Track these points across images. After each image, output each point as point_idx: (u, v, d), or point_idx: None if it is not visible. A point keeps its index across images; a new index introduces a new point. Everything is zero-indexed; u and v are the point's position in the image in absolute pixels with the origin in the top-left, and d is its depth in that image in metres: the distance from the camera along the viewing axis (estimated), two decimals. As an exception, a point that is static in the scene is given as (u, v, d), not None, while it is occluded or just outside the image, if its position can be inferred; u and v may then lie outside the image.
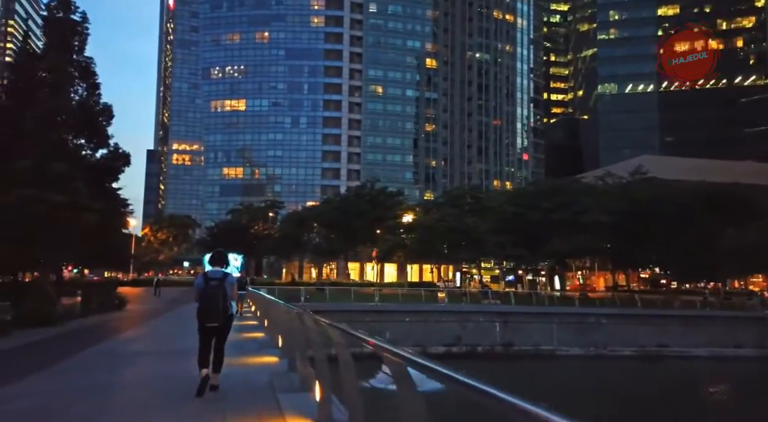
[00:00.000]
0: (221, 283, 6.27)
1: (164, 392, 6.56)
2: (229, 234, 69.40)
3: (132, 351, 10.82)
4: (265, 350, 10.46)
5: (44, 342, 13.11)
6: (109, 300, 27.27)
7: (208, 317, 6.18)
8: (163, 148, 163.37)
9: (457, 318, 34.72)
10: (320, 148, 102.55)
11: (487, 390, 1.54)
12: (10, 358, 10.26)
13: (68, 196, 22.59)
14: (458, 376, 1.76)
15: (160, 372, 8.23)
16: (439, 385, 2.01)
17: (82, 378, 7.75)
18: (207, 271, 6.56)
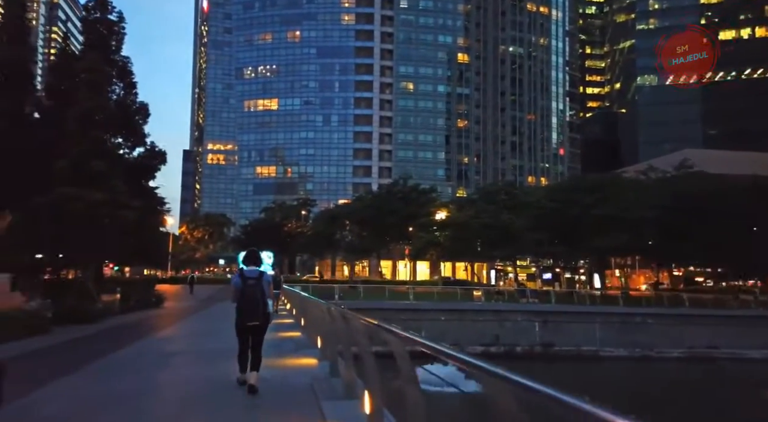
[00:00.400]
0: (259, 282, 6.28)
1: (198, 399, 6.14)
2: (263, 232, 70.07)
3: (167, 352, 10.54)
4: (303, 351, 10.01)
5: (81, 340, 13.04)
6: (147, 297, 27.56)
7: (249, 316, 6.17)
8: (199, 148, 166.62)
9: (494, 317, 33.79)
10: (351, 146, 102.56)
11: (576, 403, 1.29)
12: (46, 357, 10.11)
13: (107, 194, 22.81)
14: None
15: (195, 375, 7.85)
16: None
17: (114, 381, 7.42)
18: (243, 270, 6.48)
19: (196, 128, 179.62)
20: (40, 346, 11.59)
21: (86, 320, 17.64)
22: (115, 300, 22.50)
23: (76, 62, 24.95)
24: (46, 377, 7.19)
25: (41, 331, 14.35)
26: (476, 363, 2.04)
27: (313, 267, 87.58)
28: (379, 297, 36.67)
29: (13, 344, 11.66)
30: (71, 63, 25.43)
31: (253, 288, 6.20)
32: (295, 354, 9.57)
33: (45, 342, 12.45)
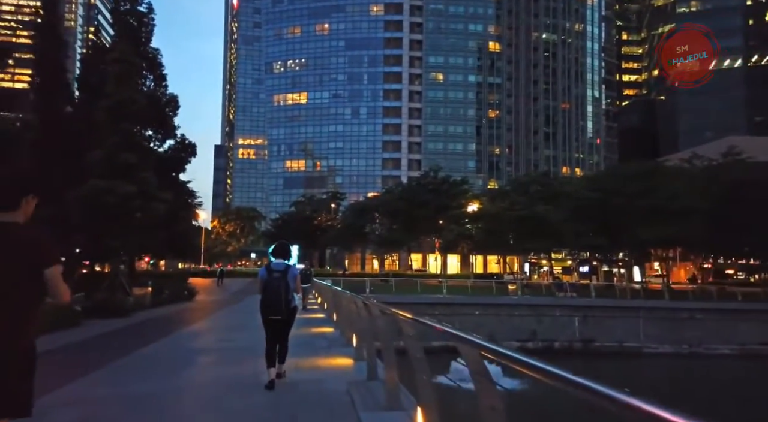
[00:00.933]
0: (284, 275, 6.17)
1: (222, 406, 5.47)
2: (293, 225, 70.09)
3: (195, 348, 10.02)
4: (337, 349, 9.32)
5: (109, 335, 12.69)
6: (179, 290, 27.50)
7: (271, 310, 6.09)
8: (230, 144, 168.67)
9: (531, 312, 32.62)
10: (380, 139, 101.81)
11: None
12: (70, 353, 9.70)
13: (137, 187, 22.66)
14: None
15: (220, 376, 7.24)
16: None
17: (137, 381, 6.87)
18: (270, 263, 6.39)
19: (227, 124, 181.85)
20: (68, 341, 11.24)
21: (117, 314, 17.46)
22: (147, 293, 22.41)
23: (106, 54, 24.85)
24: (65, 377, 6.68)
25: (71, 325, 14.12)
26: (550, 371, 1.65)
27: (342, 261, 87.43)
28: (411, 291, 35.92)
29: (42, 339, 11.35)
30: (102, 55, 25.37)
31: (278, 282, 6.09)
32: (328, 353, 8.88)
33: (73, 336, 12.12)
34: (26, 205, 2.39)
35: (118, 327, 14.44)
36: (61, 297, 2.36)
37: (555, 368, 1.66)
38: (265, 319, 6.19)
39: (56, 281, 2.30)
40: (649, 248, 45.56)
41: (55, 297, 2.34)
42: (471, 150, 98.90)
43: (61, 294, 2.34)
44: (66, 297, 2.39)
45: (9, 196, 2.34)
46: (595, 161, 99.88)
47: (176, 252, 30.77)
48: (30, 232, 2.31)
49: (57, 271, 2.31)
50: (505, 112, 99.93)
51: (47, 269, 2.26)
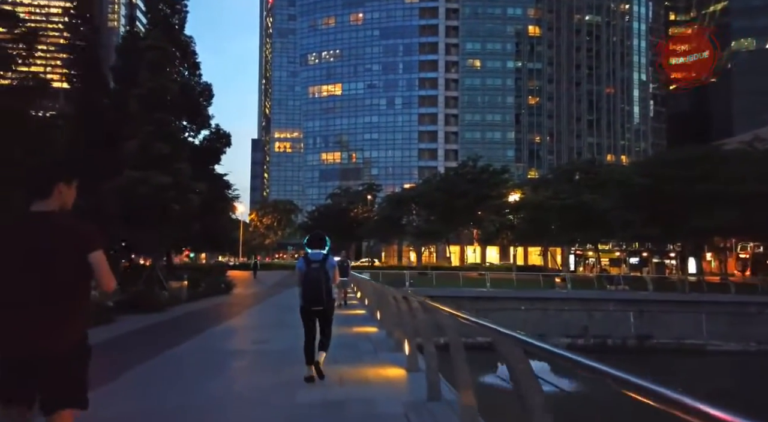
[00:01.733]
0: (322, 265, 6.07)
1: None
2: (329, 217, 69.59)
3: (227, 349, 9.04)
4: (384, 354, 8.15)
5: (140, 332, 11.92)
6: (216, 284, 26.99)
7: (312, 301, 6.00)
8: (266, 137, 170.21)
9: (581, 307, 30.76)
10: (416, 129, 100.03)
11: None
12: (98, 353, 8.82)
13: (172, 177, 22.09)
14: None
15: (254, 386, 6.18)
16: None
17: (159, 392, 5.90)
18: (308, 254, 6.23)
19: (264, 118, 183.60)
20: (96, 340, 10.43)
21: (152, 308, 16.84)
22: (183, 287, 21.81)
23: (139, 42, 24.34)
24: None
25: (103, 321, 13.48)
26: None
27: (379, 253, 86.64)
28: (452, 284, 34.56)
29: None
30: (135, 43, 24.88)
31: (317, 272, 6.01)
32: (375, 360, 7.71)
33: (102, 334, 11.37)
34: (60, 194, 2.35)
35: (150, 323, 13.71)
36: (107, 284, 2.32)
37: (614, 368, 1.52)
38: (306, 311, 6.08)
39: (101, 266, 2.28)
40: (708, 238, 42.62)
41: (100, 284, 2.29)
42: (510, 138, 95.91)
43: (107, 280, 2.31)
44: (111, 284, 2.33)
45: (40, 182, 2.33)
46: (642, 148, 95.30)
47: (213, 245, 30.33)
48: (68, 220, 2.30)
49: (101, 257, 2.28)
50: (545, 98, 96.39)
51: (91, 254, 2.24)
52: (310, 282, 5.99)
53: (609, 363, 1.58)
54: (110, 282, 2.35)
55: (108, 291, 2.41)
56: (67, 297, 2.22)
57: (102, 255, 2.30)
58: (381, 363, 7.36)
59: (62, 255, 2.20)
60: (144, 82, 22.66)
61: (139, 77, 22.88)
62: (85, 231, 2.31)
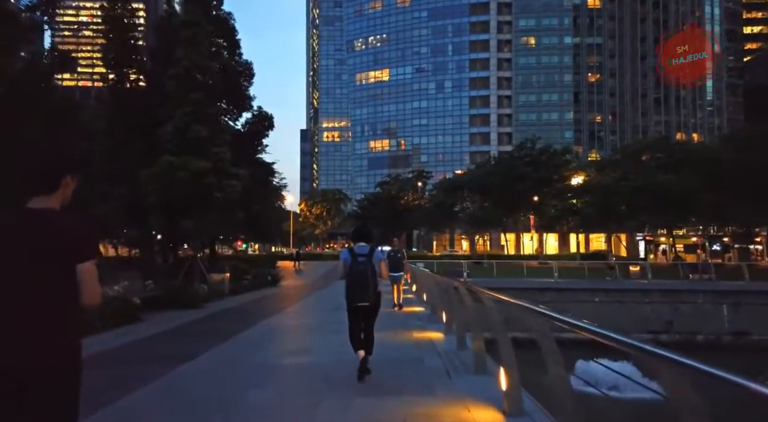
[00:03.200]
0: (369, 259, 5.81)
1: None
2: (379, 206, 67.82)
3: (254, 365, 7.01)
4: (461, 376, 5.90)
5: (164, 335, 10.17)
6: (262, 275, 25.48)
7: (359, 296, 5.74)
8: (314, 128, 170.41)
9: (664, 298, 27.30)
10: (467, 113, 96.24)
11: None
12: (99, 366, 7.03)
13: (211, 162, 20.53)
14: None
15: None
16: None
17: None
18: (353, 247, 5.96)
19: (312, 109, 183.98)
20: (108, 346, 8.76)
21: (188, 304, 15.26)
22: (225, 279, 20.29)
23: (175, 18, 22.84)
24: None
25: (128, 320, 11.89)
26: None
27: (430, 243, 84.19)
28: (514, 274, 31.77)
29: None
30: (171, 20, 23.42)
31: (363, 266, 5.75)
32: (450, 388, 5.45)
33: (116, 339, 9.70)
34: (65, 188, 2.17)
35: (178, 323, 12.00)
36: (90, 298, 2.10)
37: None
38: (352, 306, 5.87)
39: (88, 279, 2.08)
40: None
41: (84, 295, 2.07)
42: (568, 119, 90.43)
43: (91, 294, 2.10)
44: (96, 299, 2.13)
45: (47, 175, 2.13)
46: (716, 124, 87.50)
47: (258, 235, 28.88)
48: (66, 222, 2.07)
49: (91, 269, 2.09)
50: (607, 75, 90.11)
51: (81, 264, 2.05)
52: (356, 277, 5.75)
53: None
54: (95, 296, 2.10)
55: (91, 304, 2.11)
56: (55, 306, 1.99)
57: (92, 267, 2.07)
58: (460, 395, 5.07)
59: (48, 263, 1.97)
60: (179, 61, 21.16)
61: (175, 55, 21.41)
62: (82, 237, 2.07)
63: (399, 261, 13.54)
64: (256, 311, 14.90)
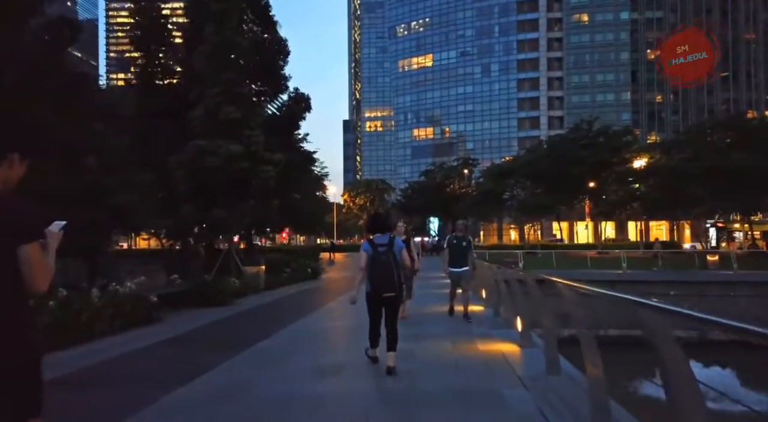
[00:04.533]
0: (390, 248, 5.64)
1: None
2: (424, 195, 65.61)
3: (278, 396, 5.07)
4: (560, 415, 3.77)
5: (171, 344, 8.45)
6: (303, 268, 23.86)
7: (383, 287, 5.56)
8: (357, 119, 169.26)
9: (752, 292, 23.96)
10: (515, 96, 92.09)
11: None
12: (57, 391, 5.33)
13: (243, 146, 18.95)
14: None
15: None
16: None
17: None
18: (373, 237, 5.77)
19: (354, 100, 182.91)
20: (93, 360, 7.10)
21: (217, 301, 13.68)
22: (260, 272, 18.70)
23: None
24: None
25: (141, 322, 10.33)
26: None
27: (477, 232, 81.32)
28: (577, 266, 28.95)
29: (63, 354, 7.40)
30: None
31: (386, 256, 5.56)
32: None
33: (118, 346, 8.09)
34: (7, 169, 2.00)
35: (199, 324, 10.34)
36: (36, 283, 1.90)
37: None
38: (376, 298, 5.64)
39: (32, 262, 1.89)
40: None
41: (29, 282, 1.90)
42: (625, 100, 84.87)
43: (36, 278, 1.89)
44: (41, 285, 1.91)
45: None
46: (793, 101, 79.96)
47: (295, 225, 27.30)
48: (5, 200, 1.91)
49: (35, 250, 1.90)
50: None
51: (24, 245, 1.88)
52: (379, 267, 5.57)
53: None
54: (43, 282, 1.92)
55: (39, 290, 1.94)
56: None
57: (37, 248, 1.89)
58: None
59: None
60: (208, 38, 19.64)
61: (204, 32, 19.91)
62: (23, 215, 1.90)
63: (464, 252, 9.51)
64: (290, 308, 13.14)
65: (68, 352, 7.52)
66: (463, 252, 9.50)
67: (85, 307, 9.09)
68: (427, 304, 11.82)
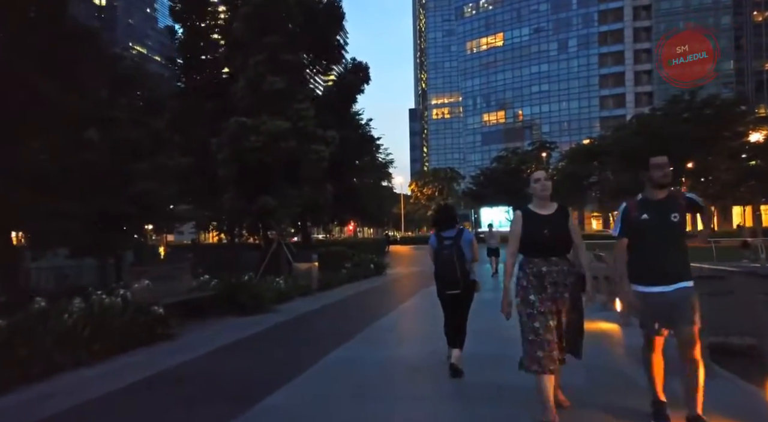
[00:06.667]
0: (456, 242, 5.28)
1: None
2: (496, 181, 61.02)
3: None
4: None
5: (153, 385, 5.53)
6: (365, 263, 20.86)
7: (446, 283, 5.26)
8: (423, 108, 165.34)
9: None
10: (596, 73, 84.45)
11: None
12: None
13: (290, 122, 16.16)
14: None
15: None
16: None
17: None
18: (440, 231, 5.42)
19: (420, 89, 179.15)
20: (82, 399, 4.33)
21: (253, 307, 10.87)
22: (312, 269, 15.84)
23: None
24: None
25: (142, 341, 7.59)
26: None
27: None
28: (703, 257, 23.93)
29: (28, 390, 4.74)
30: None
31: (449, 249, 5.21)
32: None
33: (77, 391, 5.33)
34: None
35: (209, 348, 7.42)
36: None
37: None
38: (442, 296, 5.39)
39: None
40: None
41: None
42: (727, 69, 75.11)
43: None
44: None
45: None
46: None
47: (355, 214, 24.38)
48: None
49: None
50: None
51: None
52: (442, 262, 5.24)
53: None
54: None
55: None
56: None
57: None
58: None
59: None
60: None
61: None
62: None
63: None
64: (341, 318, 10.09)
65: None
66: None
67: (38, 330, 6.45)
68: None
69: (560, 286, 3.60)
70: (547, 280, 3.59)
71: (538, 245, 3.68)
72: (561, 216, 3.80)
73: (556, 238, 3.68)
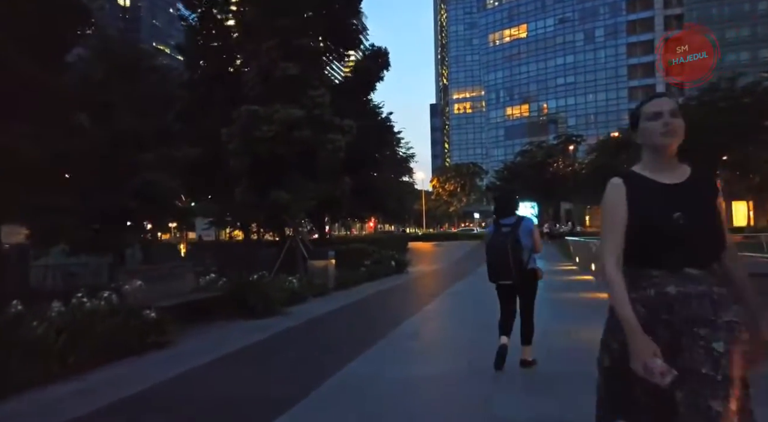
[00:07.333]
0: (514, 229, 4.90)
1: None
2: (521, 176, 59.32)
3: None
4: None
5: (116, 414, 4.50)
6: (385, 260, 19.75)
7: (498, 273, 4.89)
8: (444, 102, 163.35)
9: None
10: (625, 63, 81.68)
11: None
12: None
13: (304, 110, 15.12)
14: None
15: None
16: None
17: None
18: (499, 218, 5.09)
19: (441, 84, 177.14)
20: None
21: (261, 310, 9.85)
22: (329, 267, 14.80)
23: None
24: None
25: (131, 350, 6.60)
26: None
27: (582, 218, 73.24)
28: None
29: None
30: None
31: (504, 237, 4.85)
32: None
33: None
34: None
35: (206, 359, 6.38)
36: None
37: None
38: (497, 287, 5.08)
39: None
40: None
41: None
42: (764, 58, 71.78)
43: None
44: None
45: None
46: None
47: (375, 209, 23.28)
48: None
49: None
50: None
51: None
52: (493, 250, 4.90)
53: None
54: None
55: None
56: None
57: None
58: None
59: None
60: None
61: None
62: None
63: None
64: (356, 324, 9.00)
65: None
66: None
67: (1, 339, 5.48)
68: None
69: (704, 327, 1.74)
70: (678, 316, 1.77)
71: (663, 242, 1.82)
72: (703, 187, 1.89)
73: (697, 230, 1.81)
